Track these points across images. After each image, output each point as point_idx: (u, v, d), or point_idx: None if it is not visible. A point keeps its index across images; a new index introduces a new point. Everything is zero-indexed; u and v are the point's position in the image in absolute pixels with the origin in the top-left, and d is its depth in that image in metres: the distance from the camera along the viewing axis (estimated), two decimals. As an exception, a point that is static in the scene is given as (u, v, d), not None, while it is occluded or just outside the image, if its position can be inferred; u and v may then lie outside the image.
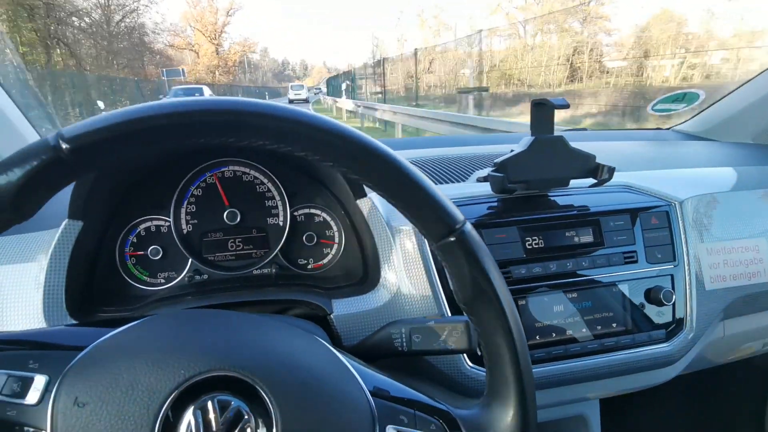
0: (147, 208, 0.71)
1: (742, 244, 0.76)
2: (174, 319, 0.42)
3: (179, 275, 0.71)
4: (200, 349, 0.37)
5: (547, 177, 0.70)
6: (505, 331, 0.39)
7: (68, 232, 0.60)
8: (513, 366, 0.39)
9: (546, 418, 0.80)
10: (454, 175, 0.84)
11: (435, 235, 0.38)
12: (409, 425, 0.40)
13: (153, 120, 0.33)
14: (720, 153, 1.11)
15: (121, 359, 0.36)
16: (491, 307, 0.39)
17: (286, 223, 0.74)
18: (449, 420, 0.41)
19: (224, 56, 44.31)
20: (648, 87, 11.29)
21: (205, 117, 0.34)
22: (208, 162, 0.72)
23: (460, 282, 0.39)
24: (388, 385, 0.43)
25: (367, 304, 0.64)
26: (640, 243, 0.71)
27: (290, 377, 0.38)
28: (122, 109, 0.33)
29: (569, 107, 0.67)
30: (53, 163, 0.32)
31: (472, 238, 0.38)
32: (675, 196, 0.75)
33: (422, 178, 0.37)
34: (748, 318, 0.81)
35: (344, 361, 0.43)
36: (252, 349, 0.39)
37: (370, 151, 0.36)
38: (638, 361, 0.70)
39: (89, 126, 0.32)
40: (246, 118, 0.34)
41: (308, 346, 0.43)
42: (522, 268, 0.67)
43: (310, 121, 0.35)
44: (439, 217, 0.38)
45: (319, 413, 0.37)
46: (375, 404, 0.40)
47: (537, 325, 0.67)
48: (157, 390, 0.35)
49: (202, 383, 0.36)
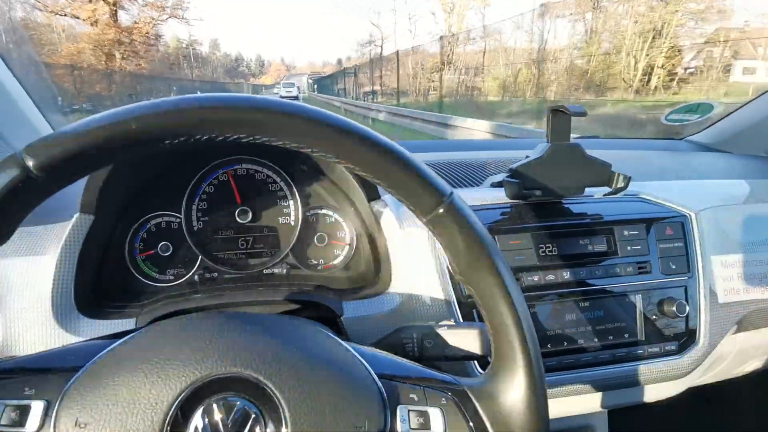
0: (158, 204, 0.71)
1: (757, 258, 0.75)
2: (168, 327, 0.42)
3: (189, 272, 0.71)
4: (198, 353, 0.37)
5: (563, 184, 0.70)
6: (505, 296, 0.38)
7: (79, 226, 0.60)
8: (517, 330, 0.39)
9: (554, 428, 0.79)
10: (468, 179, 0.84)
11: (424, 209, 0.38)
12: (419, 403, 0.40)
13: (120, 126, 0.32)
14: (734, 165, 1.10)
15: (119, 374, 0.36)
16: (488, 274, 0.38)
17: (297, 222, 0.74)
18: (458, 392, 0.41)
19: (129, 28, 24.52)
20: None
21: (173, 117, 0.33)
22: (221, 159, 0.72)
23: (454, 253, 0.39)
24: (396, 366, 0.43)
25: (379, 307, 0.63)
26: (654, 253, 0.71)
27: (294, 370, 0.37)
28: (93, 116, 0.32)
29: (587, 115, 0.67)
30: (22, 182, 0.31)
31: (462, 208, 0.38)
32: (690, 207, 0.74)
33: (405, 153, 0.37)
34: (760, 332, 0.80)
35: (349, 348, 0.42)
36: (251, 346, 0.38)
37: (348, 132, 0.35)
38: (650, 373, 0.69)
39: (55, 139, 0.31)
40: (216, 114, 0.33)
41: (310, 336, 0.42)
42: (535, 275, 0.66)
43: (283, 110, 0.34)
44: (425, 190, 0.37)
45: (327, 402, 0.36)
46: (384, 387, 0.39)
47: (548, 333, 0.66)
48: (158, 401, 0.34)
49: (205, 387, 0.35)
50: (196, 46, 52.24)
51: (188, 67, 48.10)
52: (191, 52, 49.26)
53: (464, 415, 0.40)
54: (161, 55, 36.52)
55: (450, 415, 0.39)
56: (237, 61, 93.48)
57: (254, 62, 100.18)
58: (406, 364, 0.44)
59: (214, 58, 73.09)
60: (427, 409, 0.39)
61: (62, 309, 0.58)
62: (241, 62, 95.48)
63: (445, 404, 0.40)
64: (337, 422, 0.36)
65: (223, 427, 0.34)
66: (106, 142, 0.32)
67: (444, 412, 0.39)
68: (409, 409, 0.39)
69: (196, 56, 54.58)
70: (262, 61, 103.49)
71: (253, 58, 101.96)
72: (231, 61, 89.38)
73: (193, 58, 50.66)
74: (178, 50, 45.95)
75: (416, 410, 0.39)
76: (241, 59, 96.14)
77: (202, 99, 0.33)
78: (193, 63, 50.46)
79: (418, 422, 0.38)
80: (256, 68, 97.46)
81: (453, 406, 0.40)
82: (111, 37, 23.47)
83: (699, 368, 0.72)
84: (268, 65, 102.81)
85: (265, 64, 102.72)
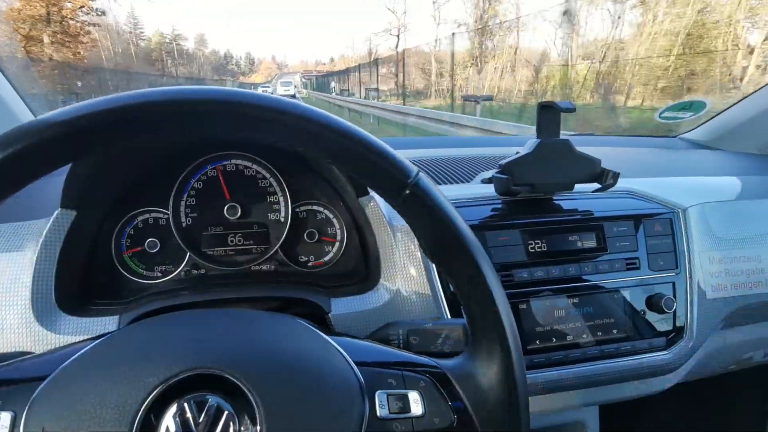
0: (146, 200, 0.70)
1: (744, 254, 0.76)
2: (137, 329, 0.41)
3: (176, 269, 0.71)
4: (167, 353, 0.36)
5: (552, 180, 0.70)
6: (478, 274, 0.38)
7: (60, 221, 0.59)
8: (492, 309, 0.38)
9: (544, 424, 0.80)
10: (458, 175, 0.84)
11: (391, 192, 0.38)
12: (398, 387, 0.40)
13: (57, 127, 0.31)
14: (725, 162, 1.11)
15: (86, 380, 0.36)
16: (460, 253, 0.38)
17: (287, 219, 0.74)
18: (437, 374, 0.41)
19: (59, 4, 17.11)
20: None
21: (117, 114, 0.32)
22: (210, 155, 0.72)
23: (425, 234, 0.39)
24: (375, 352, 0.43)
25: (367, 304, 0.63)
26: (642, 249, 0.71)
27: (266, 363, 0.37)
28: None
29: (576, 111, 0.67)
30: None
31: (429, 189, 0.38)
32: (679, 203, 0.75)
33: (368, 137, 0.37)
34: (749, 327, 0.81)
35: (325, 337, 0.42)
36: (221, 343, 0.38)
37: (310, 119, 0.35)
38: (638, 369, 0.69)
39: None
40: (167, 107, 0.33)
41: (284, 329, 0.42)
42: (524, 272, 0.67)
43: (244, 100, 0.34)
44: (391, 173, 0.37)
45: (302, 393, 0.36)
46: (362, 374, 0.39)
47: (537, 329, 0.66)
48: (126, 405, 0.34)
49: (176, 387, 0.35)
50: (180, 41, 49.21)
51: (173, 64, 44.98)
52: (175, 48, 46.28)
53: (443, 396, 0.40)
54: (141, 50, 34.10)
55: (429, 398, 0.40)
56: (226, 58, 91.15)
57: (244, 60, 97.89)
58: (385, 350, 0.44)
59: (200, 54, 69.71)
60: (406, 392, 0.39)
61: (42, 307, 0.57)
62: (230, 60, 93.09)
63: (424, 387, 0.40)
64: (313, 412, 0.36)
65: (196, 426, 0.34)
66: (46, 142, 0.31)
67: (423, 395, 0.39)
68: (387, 394, 0.39)
69: (181, 52, 51.08)
70: (252, 59, 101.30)
71: (242, 55, 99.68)
72: (220, 58, 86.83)
73: (177, 54, 47.36)
74: (160, 45, 43.16)
75: (395, 394, 0.39)
76: (230, 57, 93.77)
77: (150, 93, 0.33)
78: (177, 59, 47.08)
79: (398, 406, 0.39)
80: (245, 66, 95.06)
81: (432, 389, 0.40)
82: (35, 13, 16.34)
83: (687, 364, 0.73)
84: (259, 63, 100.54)
85: (256, 62, 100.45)
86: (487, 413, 0.39)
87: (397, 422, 0.38)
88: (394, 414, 0.38)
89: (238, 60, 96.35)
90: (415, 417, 0.39)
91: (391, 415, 0.38)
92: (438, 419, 0.39)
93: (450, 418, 0.39)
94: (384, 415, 0.38)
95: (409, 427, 0.38)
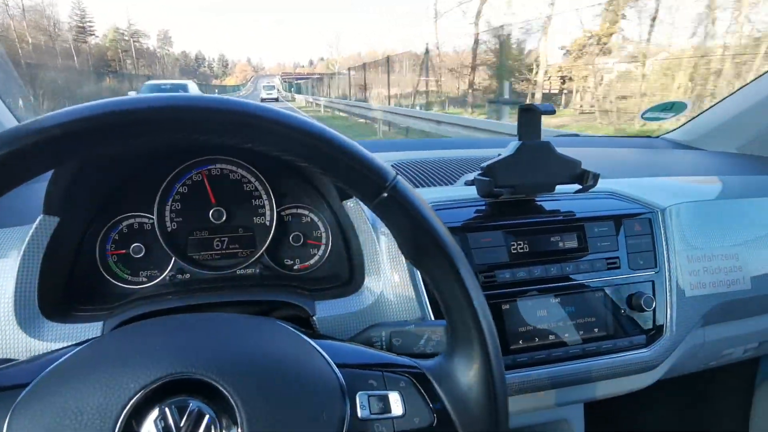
0: (130, 205, 0.70)
1: (722, 252, 0.77)
2: (117, 336, 0.41)
3: (162, 274, 0.71)
4: (147, 358, 0.37)
5: (534, 182, 0.71)
6: (455, 275, 0.39)
7: (43, 228, 0.58)
8: (469, 309, 0.39)
9: (529, 422, 0.81)
10: (441, 177, 0.84)
11: (369, 195, 0.38)
12: (378, 387, 0.40)
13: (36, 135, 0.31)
14: (705, 162, 1.13)
15: (67, 387, 0.35)
16: (437, 254, 0.39)
17: (272, 222, 0.74)
18: (417, 374, 0.42)
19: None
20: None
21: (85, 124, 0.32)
22: (195, 159, 0.72)
23: (402, 236, 0.40)
24: (355, 355, 0.44)
25: (351, 306, 0.64)
26: (623, 249, 0.72)
27: (246, 366, 0.37)
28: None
29: (555, 113, 0.68)
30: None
31: (407, 191, 0.38)
32: (658, 203, 0.76)
33: (346, 141, 0.37)
34: (727, 325, 0.82)
35: (306, 339, 0.42)
36: (201, 347, 0.38)
37: (286, 124, 0.35)
38: (619, 366, 0.70)
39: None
40: (146, 115, 0.33)
41: (265, 332, 0.43)
42: (506, 273, 0.67)
43: (224, 107, 0.34)
44: (368, 176, 0.37)
45: (283, 395, 0.36)
46: (342, 375, 0.40)
47: (520, 329, 0.67)
48: (107, 409, 0.34)
49: (156, 392, 0.35)
50: (140, 38, 44.00)
51: (132, 64, 40.54)
52: (133, 45, 41.64)
53: (423, 396, 0.41)
54: (92, 48, 30.39)
55: (409, 397, 0.40)
56: (197, 60, 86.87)
57: (217, 62, 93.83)
58: (366, 352, 0.45)
59: (163, 53, 64.17)
60: (387, 393, 0.40)
61: (25, 314, 0.56)
62: (202, 62, 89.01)
63: (404, 387, 0.41)
64: (294, 414, 0.36)
65: (177, 430, 0.34)
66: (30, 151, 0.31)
67: (403, 395, 0.40)
68: (368, 395, 0.39)
69: (141, 51, 45.67)
70: (226, 61, 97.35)
71: (215, 57, 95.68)
72: (191, 60, 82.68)
73: (135, 53, 42.71)
74: (116, 42, 38.83)
75: (376, 395, 0.40)
76: (202, 59, 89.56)
77: (131, 101, 0.33)
78: (135, 59, 42.45)
79: (379, 407, 0.39)
80: (218, 69, 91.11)
81: (412, 389, 0.41)
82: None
83: (667, 360, 0.74)
84: (233, 66, 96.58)
85: (230, 64, 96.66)
86: (467, 412, 0.40)
87: (378, 423, 0.39)
88: (375, 414, 0.39)
89: (211, 62, 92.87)
90: (396, 417, 0.39)
91: (372, 416, 0.39)
92: (418, 419, 0.40)
93: (430, 418, 0.40)
94: (365, 415, 0.39)
95: (390, 428, 0.39)
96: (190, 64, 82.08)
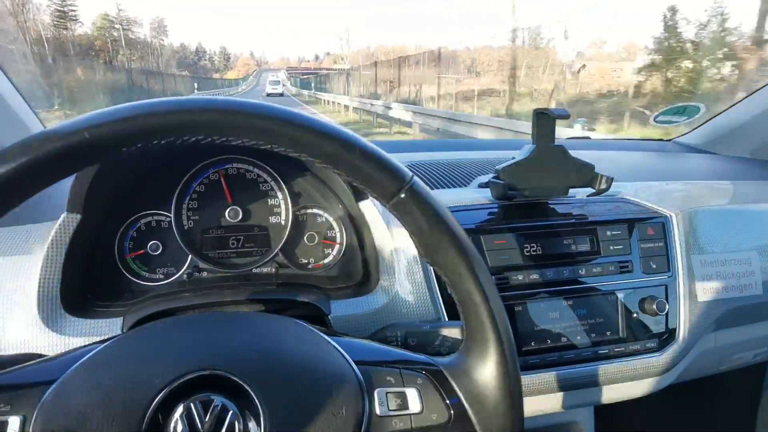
0: (148, 204, 0.71)
1: (734, 257, 0.77)
2: (142, 333, 0.42)
3: (178, 271, 0.72)
4: (173, 356, 0.38)
5: (547, 185, 0.71)
6: (472, 275, 0.40)
7: (66, 225, 0.60)
8: (485, 307, 0.40)
9: (540, 424, 0.81)
10: (456, 179, 0.85)
11: (386, 195, 0.39)
12: (396, 384, 0.41)
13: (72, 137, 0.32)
14: (718, 167, 1.13)
15: (94, 383, 0.37)
16: (454, 254, 0.40)
17: (288, 222, 0.75)
18: (433, 371, 0.43)
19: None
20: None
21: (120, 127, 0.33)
22: (212, 158, 0.73)
23: (419, 235, 0.40)
24: (373, 352, 0.45)
25: (366, 306, 0.65)
26: (635, 253, 0.72)
27: (268, 364, 0.38)
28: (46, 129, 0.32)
29: (569, 117, 0.68)
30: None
31: (423, 192, 0.39)
32: (671, 208, 0.76)
33: (364, 142, 0.38)
34: (739, 329, 0.82)
35: (325, 337, 0.43)
36: (224, 345, 0.39)
37: (306, 127, 0.36)
38: (631, 370, 0.71)
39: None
40: (168, 118, 0.34)
41: (285, 331, 0.44)
42: (519, 275, 0.68)
43: (246, 110, 0.35)
44: (386, 177, 0.38)
45: (303, 392, 0.38)
46: (361, 372, 0.41)
47: (532, 331, 0.68)
48: (134, 405, 0.35)
49: (182, 389, 0.36)
50: (132, 26, 38.99)
51: (125, 56, 36.23)
52: (122, 35, 36.96)
53: (440, 393, 0.41)
54: (77, 37, 26.12)
55: (426, 394, 0.41)
56: (198, 53, 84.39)
57: (218, 55, 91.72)
58: (383, 349, 0.46)
59: (156, 43, 58.02)
60: (404, 390, 0.41)
61: (48, 308, 0.58)
62: (203, 55, 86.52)
63: (421, 384, 0.41)
64: (314, 410, 0.37)
65: (202, 425, 0.35)
66: (60, 154, 0.32)
67: (420, 392, 0.41)
68: (386, 392, 0.40)
69: (133, 42, 39.82)
70: (228, 54, 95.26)
71: (216, 51, 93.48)
72: (190, 53, 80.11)
73: (125, 44, 37.79)
74: (104, 30, 34.37)
75: (393, 392, 0.40)
76: (202, 51, 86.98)
77: (154, 104, 0.34)
78: (125, 49, 37.91)
79: (396, 403, 0.40)
80: (220, 63, 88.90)
81: (429, 385, 0.42)
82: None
83: (679, 365, 0.74)
84: (235, 59, 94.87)
85: (231, 58, 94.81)
86: (483, 409, 0.41)
87: (395, 419, 0.40)
88: (393, 411, 0.40)
89: (212, 55, 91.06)
90: (414, 413, 0.40)
91: (390, 412, 0.40)
92: (435, 415, 0.41)
93: (447, 414, 0.41)
94: (383, 412, 0.39)
95: (408, 424, 0.40)
96: (189, 57, 79.91)
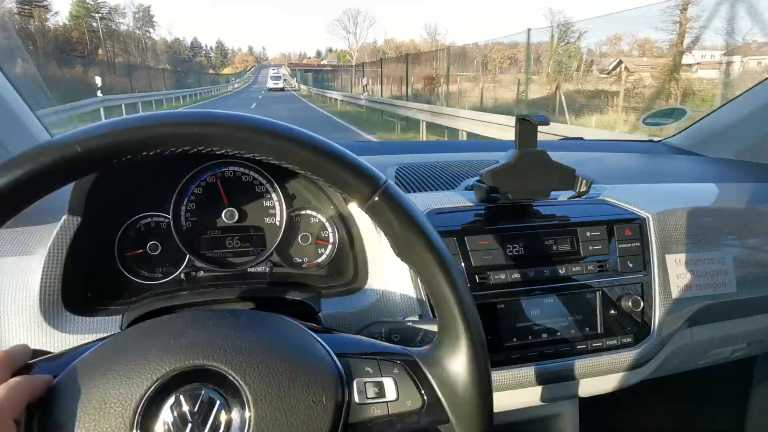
0: (148, 205, 0.74)
1: (708, 256, 0.81)
2: (135, 331, 0.45)
3: (176, 270, 0.75)
4: (163, 351, 0.40)
5: (529, 188, 0.74)
6: (443, 271, 0.43)
7: (67, 227, 0.63)
8: (455, 301, 0.43)
9: (524, 416, 0.84)
10: (443, 182, 0.88)
11: (361, 198, 0.42)
12: (374, 374, 0.44)
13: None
14: (702, 168, 1.16)
15: (91, 379, 0.39)
16: (425, 252, 0.43)
17: (282, 222, 0.78)
18: (409, 361, 0.46)
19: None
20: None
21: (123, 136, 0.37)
22: (209, 162, 0.76)
23: (393, 236, 0.43)
24: (353, 344, 0.48)
25: (355, 304, 0.68)
26: (613, 253, 0.76)
27: (253, 356, 0.41)
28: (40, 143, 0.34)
29: (549, 124, 0.72)
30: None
31: (396, 194, 0.43)
32: (648, 209, 0.79)
33: (338, 148, 0.41)
34: (714, 326, 0.86)
35: (308, 332, 0.47)
36: (212, 339, 0.42)
37: (281, 135, 0.39)
38: (608, 364, 0.74)
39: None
40: (154, 131, 0.37)
41: (270, 325, 0.47)
42: (502, 274, 0.71)
43: (227, 121, 0.39)
44: (361, 180, 0.41)
45: (286, 382, 0.40)
46: (341, 363, 0.44)
47: (513, 327, 0.71)
48: (127, 399, 0.38)
49: (172, 382, 0.39)
50: (114, 16, 33.91)
51: (106, 48, 31.74)
52: (100, 26, 31.19)
53: (415, 382, 0.45)
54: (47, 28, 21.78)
55: (402, 383, 0.44)
56: (193, 48, 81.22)
57: (215, 51, 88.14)
58: (363, 342, 0.49)
59: (141, 35, 50.04)
60: (381, 379, 0.44)
61: (50, 307, 0.61)
62: (199, 51, 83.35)
63: (397, 373, 0.45)
64: (296, 399, 0.40)
65: (191, 416, 0.38)
66: (54, 166, 0.35)
67: (396, 381, 0.44)
68: (365, 381, 0.44)
69: (115, 33, 34.22)
70: (225, 49, 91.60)
71: (212, 46, 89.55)
72: (185, 48, 76.71)
73: (104, 35, 32.26)
74: (79, 20, 29.39)
75: (371, 381, 0.44)
76: (198, 46, 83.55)
77: (143, 118, 0.38)
78: (105, 42, 33.08)
79: (374, 392, 0.43)
80: (217, 59, 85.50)
81: (404, 375, 0.45)
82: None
83: (655, 359, 0.78)
84: (233, 55, 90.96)
85: (229, 53, 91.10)
86: (454, 395, 0.44)
87: (373, 406, 0.43)
88: (371, 399, 0.43)
89: (208, 51, 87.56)
90: (390, 401, 0.44)
91: (368, 400, 0.43)
92: (410, 401, 0.44)
93: (421, 401, 0.44)
94: (362, 400, 0.43)
95: (385, 410, 0.43)
96: (184, 52, 75.95)
